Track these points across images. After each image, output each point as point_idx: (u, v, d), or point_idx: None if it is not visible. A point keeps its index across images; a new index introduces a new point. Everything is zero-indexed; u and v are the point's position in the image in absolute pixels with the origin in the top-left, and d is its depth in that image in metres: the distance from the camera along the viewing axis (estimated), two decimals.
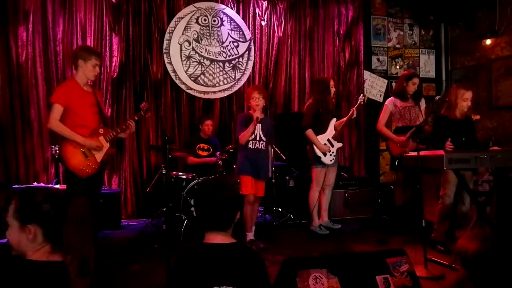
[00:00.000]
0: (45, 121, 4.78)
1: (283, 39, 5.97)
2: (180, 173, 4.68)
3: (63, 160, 3.21)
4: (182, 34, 5.56)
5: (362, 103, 4.57)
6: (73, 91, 3.23)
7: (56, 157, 4.47)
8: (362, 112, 6.12)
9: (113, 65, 5.26)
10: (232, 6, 5.80)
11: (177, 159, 5.36)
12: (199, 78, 5.64)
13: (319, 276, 2.10)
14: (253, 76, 5.90)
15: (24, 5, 4.86)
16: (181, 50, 5.56)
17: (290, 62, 6.02)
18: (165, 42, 5.47)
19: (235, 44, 5.79)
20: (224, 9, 5.74)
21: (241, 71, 5.82)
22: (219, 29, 5.71)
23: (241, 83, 5.81)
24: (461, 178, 3.47)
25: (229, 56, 5.76)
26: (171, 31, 5.50)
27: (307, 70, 6.09)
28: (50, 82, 4.98)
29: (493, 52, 5.78)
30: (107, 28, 5.23)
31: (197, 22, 5.62)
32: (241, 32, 5.82)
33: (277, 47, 5.96)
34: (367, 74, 6.31)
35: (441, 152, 3.17)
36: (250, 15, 5.88)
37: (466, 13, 6.09)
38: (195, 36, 5.62)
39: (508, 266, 1.39)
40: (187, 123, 5.60)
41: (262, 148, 3.99)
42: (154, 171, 5.29)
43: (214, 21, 5.70)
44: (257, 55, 5.90)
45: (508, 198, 4.13)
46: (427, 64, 6.68)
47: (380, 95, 6.34)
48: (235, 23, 5.79)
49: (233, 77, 5.78)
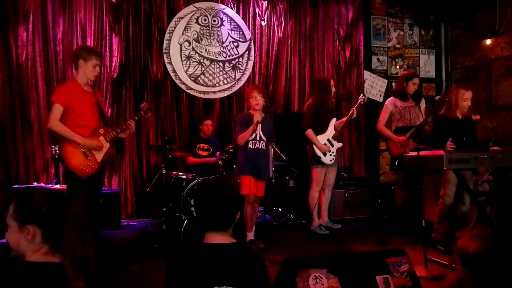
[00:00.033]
0: (45, 121, 4.79)
1: (283, 39, 5.97)
2: (180, 173, 4.68)
3: (63, 160, 3.21)
4: (182, 34, 5.56)
5: (362, 103, 4.57)
6: (74, 91, 3.24)
7: (56, 157, 4.47)
8: (362, 112, 6.12)
9: (113, 65, 5.26)
10: (232, 6, 5.80)
11: (177, 159, 5.36)
12: (199, 78, 5.64)
13: (319, 276, 2.10)
14: (253, 76, 5.90)
15: (24, 5, 4.86)
16: (181, 50, 5.56)
17: (290, 62, 6.02)
18: (165, 42, 5.48)
19: (235, 44, 5.79)
20: (224, 9, 5.74)
21: (241, 71, 5.82)
22: (219, 29, 5.71)
23: (241, 83, 5.81)
24: (461, 178, 3.47)
25: (229, 56, 5.76)
26: (171, 31, 5.50)
27: (307, 70, 6.08)
28: (50, 82, 4.98)
29: (493, 52, 5.78)
30: (107, 28, 5.23)
31: (197, 22, 5.62)
32: (241, 32, 5.82)
33: (277, 47, 5.95)
34: (367, 74, 6.31)
35: (441, 152, 3.17)
36: (250, 15, 5.88)
37: (466, 13, 6.09)
38: (195, 36, 5.62)
39: (508, 266, 1.39)
40: (187, 123, 5.60)
41: (262, 148, 3.99)
42: (154, 171, 5.30)
43: (214, 21, 5.70)
44: (257, 55, 5.90)
45: (508, 198, 4.13)
46: (427, 64, 6.68)
47: (380, 95, 6.34)
48: (235, 23, 5.79)
49: (233, 77, 5.78)
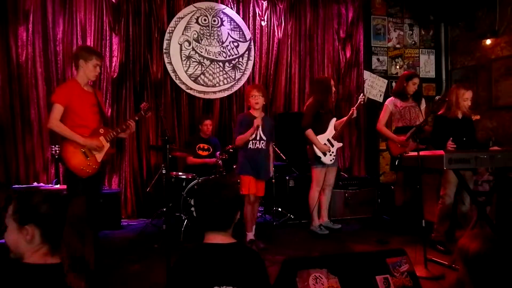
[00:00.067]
0: (45, 121, 4.78)
1: (283, 39, 5.97)
2: (180, 173, 4.68)
3: (63, 160, 3.21)
4: (182, 34, 5.56)
5: (362, 103, 4.57)
6: (74, 91, 3.24)
7: (56, 157, 4.47)
8: (362, 112, 6.12)
9: (113, 65, 5.26)
10: (232, 6, 5.80)
11: (177, 159, 5.36)
12: (199, 78, 5.64)
13: (319, 276, 2.10)
14: (253, 76, 5.90)
15: (24, 5, 4.86)
16: (181, 50, 5.56)
17: (290, 62, 6.02)
18: (165, 42, 5.47)
19: (235, 44, 5.79)
20: (224, 9, 5.73)
21: (241, 71, 5.82)
22: (219, 29, 5.71)
23: (241, 83, 5.81)
24: (461, 178, 3.47)
25: (229, 56, 5.76)
26: (171, 31, 5.50)
27: (307, 70, 6.08)
28: (50, 82, 4.98)
29: (493, 52, 5.78)
30: (107, 28, 5.23)
31: (197, 22, 5.62)
32: (241, 32, 5.82)
33: (277, 47, 5.95)
34: (367, 74, 6.31)
35: (441, 152, 3.17)
36: (250, 15, 5.88)
37: (466, 13, 6.09)
38: (195, 36, 5.62)
39: (508, 266, 1.39)
40: (187, 123, 5.60)
41: (263, 148, 3.98)
42: (154, 171, 5.29)
43: (214, 21, 5.70)
44: (257, 55, 5.90)
45: (508, 198, 4.13)
46: (427, 64, 6.67)
47: (380, 95, 6.34)
48: (235, 23, 5.79)
49: (233, 77, 5.78)
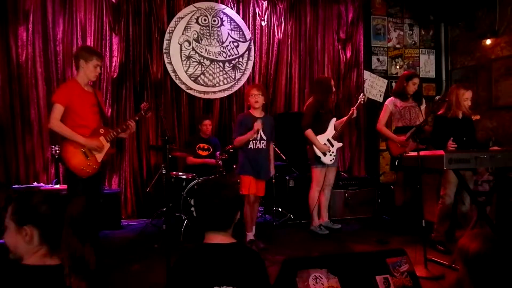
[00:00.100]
0: (45, 121, 4.79)
1: (283, 39, 5.97)
2: (180, 173, 4.68)
3: (64, 160, 3.21)
4: (182, 34, 5.56)
5: (362, 103, 4.57)
6: (74, 91, 3.24)
7: (56, 157, 4.47)
8: (362, 112, 6.12)
9: (113, 65, 5.26)
10: (232, 6, 5.80)
11: (177, 159, 5.36)
12: (199, 78, 5.64)
13: (319, 276, 2.10)
14: (253, 76, 5.90)
15: (24, 5, 4.86)
16: (181, 50, 5.56)
17: (290, 62, 6.02)
18: (165, 42, 5.47)
19: (235, 44, 5.79)
20: (224, 9, 5.73)
21: (241, 71, 5.82)
22: (219, 29, 5.71)
23: (241, 83, 5.81)
24: (461, 178, 3.47)
25: (229, 56, 5.76)
26: (171, 31, 5.50)
27: (307, 70, 6.08)
28: (50, 82, 4.98)
29: (493, 52, 5.78)
30: (107, 28, 5.23)
31: (197, 22, 5.62)
32: (241, 32, 5.82)
33: (277, 47, 5.95)
34: (367, 74, 6.31)
35: (441, 152, 3.17)
36: (250, 15, 5.88)
37: (466, 13, 6.09)
38: (195, 36, 5.62)
39: (508, 266, 1.39)
40: (187, 123, 5.60)
41: (263, 148, 3.98)
42: (154, 171, 5.29)
43: (214, 21, 5.70)
44: (257, 55, 5.90)
45: (508, 198, 4.13)
46: (427, 64, 6.67)
47: (380, 95, 6.34)
48: (235, 23, 5.79)
49: (233, 77, 5.78)
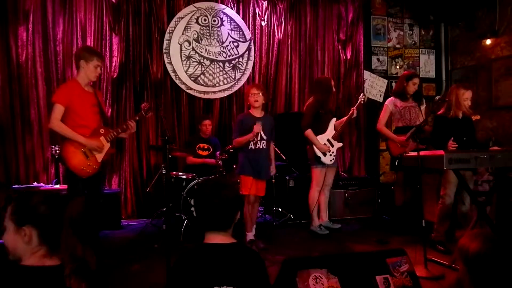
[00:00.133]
0: (45, 121, 4.79)
1: (283, 39, 5.97)
2: (180, 173, 4.68)
3: (64, 160, 3.21)
4: (182, 34, 5.55)
5: (362, 103, 4.57)
6: (74, 91, 3.24)
7: (56, 157, 4.47)
8: (362, 112, 6.12)
9: (113, 65, 5.26)
10: (232, 6, 5.80)
11: (177, 159, 5.36)
12: (199, 78, 5.64)
13: (319, 276, 2.10)
14: (253, 76, 5.90)
15: (24, 5, 4.86)
16: (181, 50, 5.56)
17: (290, 62, 6.02)
18: (165, 42, 5.47)
19: (235, 44, 5.79)
20: (224, 9, 5.73)
21: (241, 71, 5.82)
22: (219, 29, 5.71)
23: (241, 83, 5.80)
24: (461, 178, 3.47)
25: (229, 56, 5.76)
26: (171, 31, 5.50)
27: (307, 70, 6.08)
28: (50, 82, 4.98)
29: (493, 52, 5.78)
30: (107, 28, 5.23)
31: (197, 22, 5.62)
32: (241, 32, 5.82)
33: (277, 47, 5.95)
34: (367, 74, 6.31)
35: (441, 152, 3.17)
36: (250, 15, 5.88)
37: (466, 13, 6.09)
38: (195, 36, 5.62)
39: (508, 266, 1.39)
40: (187, 123, 5.60)
41: (263, 148, 3.98)
42: (154, 171, 5.29)
43: (214, 21, 5.69)
44: (257, 55, 5.90)
45: (508, 198, 4.13)
46: (427, 64, 6.67)
47: (380, 95, 6.34)
48: (235, 23, 5.79)
49: (233, 77, 5.78)
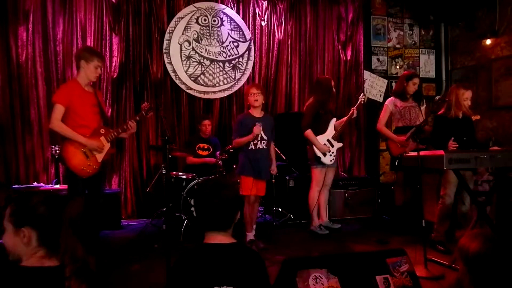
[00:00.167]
0: (45, 121, 4.79)
1: (283, 39, 5.97)
2: (180, 173, 4.68)
3: (64, 160, 3.21)
4: (182, 34, 5.55)
5: (362, 103, 4.57)
6: (75, 92, 3.25)
7: (56, 157, 4.47)
8: (362, 112, 6.12)
9: (113, 65, 5.26)
10: (232, 6, 5.80)
11: (177, 159, 5.36)
12: (199, 78, 5.64)
13: (319, 276, 2.10)
14: (253, 76, 5.90)
15: (24, 5, 4.86)
16: (181, 50, 5.56)
17: (290, 62, 6.02)
18: (165, 42, 5.47)
19: (235, 44, 5.79)
20: (224, 9, 5.73)
21: (241, 71, 5.82)
22: (219, 29, 5.71)
23: (241, 83, 5.80)
24: (461, 178, 3.47)
25: (229, 56, 5.76)
26: (171, 31, 5.50)
27: (307, 70, 6.08)
28: (50, 82, 4.98)
29: (493, 52, 5.78)
30: (107, 28, 5.23)
31: (197, 22, 5.62)
32: (241, 32, 5.82)
33: (277, 47, 5.95)
34: (367, 74, 6.31)
35: (441, 152, 3.17)
36: (250, 15, 5.88)
37: (466, 13, 6.09)
38: (195, 36, 5.62)
39: (508, 266, 1.39)
40: (187, 123, 5.60)
41: (264, 148, 3.98)
42: (154, 171, 5.29)
43: (214, 21, 5.69)
44: (257, 55, 5.90)
45: (508, 198, 4.13)
46: (427, 64, 6.67)
47: (380, 95, 6.34)
48: (235, 23, 5.79)
49: (233, 77, 5.78)
